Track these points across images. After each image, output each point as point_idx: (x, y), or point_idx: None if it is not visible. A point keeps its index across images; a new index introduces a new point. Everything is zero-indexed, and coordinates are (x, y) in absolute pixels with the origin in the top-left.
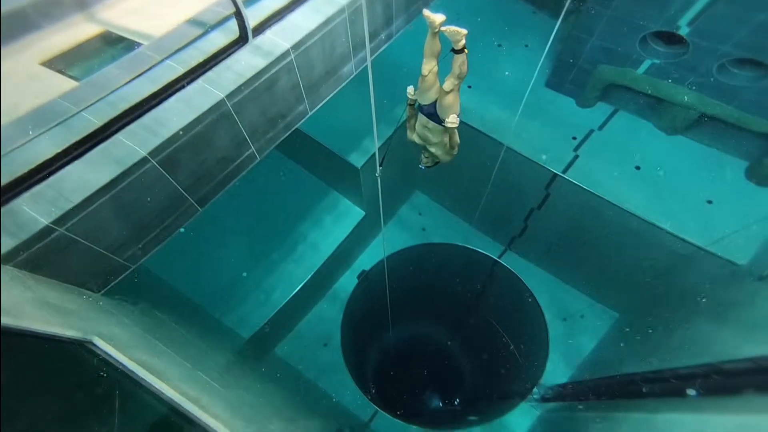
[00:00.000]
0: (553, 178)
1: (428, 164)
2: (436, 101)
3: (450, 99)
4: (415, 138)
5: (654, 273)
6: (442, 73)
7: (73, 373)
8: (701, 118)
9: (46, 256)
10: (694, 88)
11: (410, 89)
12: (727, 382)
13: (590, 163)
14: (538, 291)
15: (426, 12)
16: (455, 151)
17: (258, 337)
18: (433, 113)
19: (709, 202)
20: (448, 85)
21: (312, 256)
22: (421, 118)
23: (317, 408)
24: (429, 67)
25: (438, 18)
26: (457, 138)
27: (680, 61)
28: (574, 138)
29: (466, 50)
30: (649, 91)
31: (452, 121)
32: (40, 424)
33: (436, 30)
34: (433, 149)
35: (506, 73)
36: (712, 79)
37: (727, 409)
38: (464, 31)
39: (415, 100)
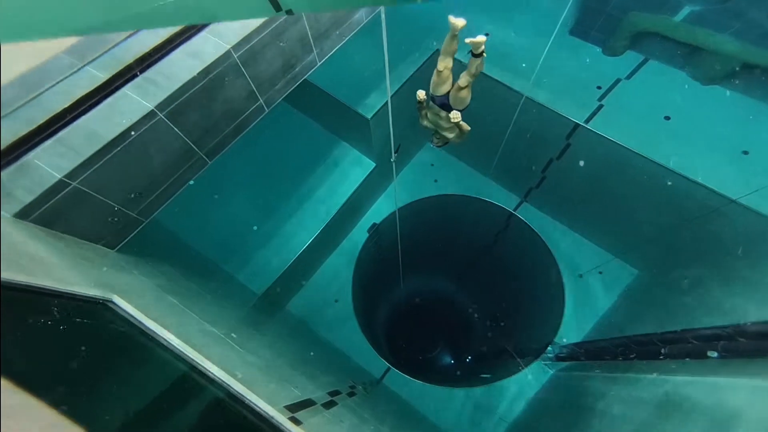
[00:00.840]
0: (574, 128)
1: (439, 144)
2: (448, 93)
3: (464, 93)
4: (426, 123)
5: (679, 227)
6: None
7: (93, 333)
8: (743, 68)
9: (60, 211)
10: (738, 36)
11: (420, 93)
12: (750, 345)
13: (615, 113)
14: (554, 245)
15: (451, 18)
16: (465, 136)
17: (271, 292)
18: (445, 103)
19: (745, 152)
20: (463, 81)
21: (322, 208)
22: (434, 108)
23: (330, 364)
24: (445, 63)
25: (460, 22)
26: (467, 126)
27: (725, 8)
28: (599, 87)
29: (484, 54)
30: (687, 40)
31: (454, 116)
32: (60, 384)
33: (456, 33)
34: (445, 133)
35: (528, 20)
36: (759, 27)
37: (744, 373)
38: (484, 39)
39: (422, 101)
